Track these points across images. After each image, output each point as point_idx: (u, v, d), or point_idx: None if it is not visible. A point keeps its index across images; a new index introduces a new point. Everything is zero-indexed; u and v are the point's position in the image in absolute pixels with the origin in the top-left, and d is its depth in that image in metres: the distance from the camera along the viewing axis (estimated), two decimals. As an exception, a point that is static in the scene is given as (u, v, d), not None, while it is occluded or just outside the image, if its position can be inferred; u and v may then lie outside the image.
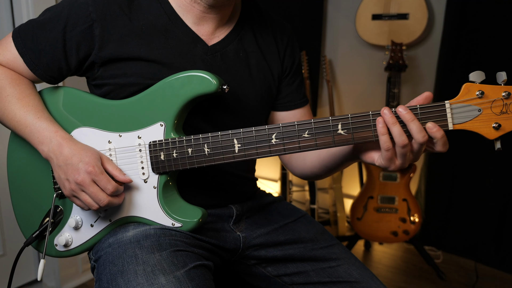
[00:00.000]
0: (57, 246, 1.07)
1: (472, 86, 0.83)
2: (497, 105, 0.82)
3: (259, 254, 1.13)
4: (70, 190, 0.96)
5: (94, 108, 1.03)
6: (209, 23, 1.06)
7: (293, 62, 1.20)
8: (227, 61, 1.08)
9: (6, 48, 1.05)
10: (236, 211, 1.15)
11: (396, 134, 0.84)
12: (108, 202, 0.93)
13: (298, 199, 3.14)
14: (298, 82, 1.23)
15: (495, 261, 2.57)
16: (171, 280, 0.85)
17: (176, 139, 0.96)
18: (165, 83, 0.98)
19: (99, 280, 0.93)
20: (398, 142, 0.84)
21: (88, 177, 0.93)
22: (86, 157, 0.95)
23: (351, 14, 2.93)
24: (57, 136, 0.98)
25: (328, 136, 0.88)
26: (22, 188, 1.12)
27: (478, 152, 2.55)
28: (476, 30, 2.48)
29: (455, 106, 0.83)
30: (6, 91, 1.02)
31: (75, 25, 0.99)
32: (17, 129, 1.02)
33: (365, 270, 1.11)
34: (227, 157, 0.93)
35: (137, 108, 1.00)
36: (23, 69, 1.05)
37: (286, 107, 1.21)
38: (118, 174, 0.96)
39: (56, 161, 0.97)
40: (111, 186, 0.93)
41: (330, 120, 0.88)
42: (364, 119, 0.86)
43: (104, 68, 1.02)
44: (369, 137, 0.86)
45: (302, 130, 0.89)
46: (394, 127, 0.84)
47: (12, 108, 1.01)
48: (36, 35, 1.02)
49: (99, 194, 0.93)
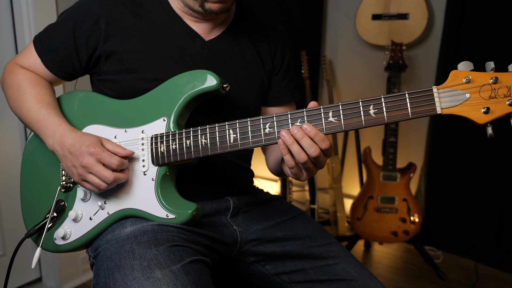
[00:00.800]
0: (56, 239, 1.10)
1: (459, 72, 0.84)
2: (485, 90, 0.82)
3: (258, 250, 1.14)
4: (78, 175, 1.01)
5: (104, 106, 1.11)
6: (206, 24, 1.14)
7: (283, 59, 1.27)
8: (223, 55, 1.15)
9: (28, 52, 1.17)
10: (233, 204, 1.16)
11: (295, 153, 0.89)
12: (114, 178, 0.98)
13: (298, 199, 3.14)
14: (288, 80, 1.29)
15: (495, 261, 2.57)
16: (167, 274, 0.86)
17: (176, 132, 1.00)
18: (171, 81, 1.04)
19: (97, 276, 0.95)
20: (298, 159, 0.89)
21: (91, 158, 0.98)
22: (86, 141, 1.00)
23: (351, 14, 2.93)
24: (60, 129, 1.05)
25: (319, 124, 0.90)
26: (32, 182, 1.19)
27: (478, 152, 2.55)
28: (476, 30, 2.48)
29: (442, 91, 0.84)
30: (25, 90, 1.12)
31: (83, 22, 1.09)
32: (30, 124, 1.11)
33: (362, 269, 1.12)
34: (222, 147, 0.97)
35: (143, 106, 1.07)
36: (42, 70, 1.16)
37: (276, 102, 1.27)
38: (119, 150, 1.01)
39: (62, 152, 1.03)
40: (116, 160, 0.98)
41: (322, 108, 0.90)
42: (354, 106, 0.88)
43: (109, 62, 1.09)
44: (359, 124, 0.88)
45: (295, 119, 0.92)
46: (292, 146, 0.89)
47: (28, 106, 1.10)
48: (52, 36, 1.13)
49: (104, 172, 0.97)
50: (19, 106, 1.12)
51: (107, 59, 1.09)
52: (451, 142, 2.63)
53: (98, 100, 1.13)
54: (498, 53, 2.42)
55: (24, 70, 1.16)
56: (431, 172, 2.74)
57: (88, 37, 1.09)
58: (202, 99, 1.04)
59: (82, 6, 1.11)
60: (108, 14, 1.08)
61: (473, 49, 2.50)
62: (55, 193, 1.11)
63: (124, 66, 1.08)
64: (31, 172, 1.19)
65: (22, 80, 1.14)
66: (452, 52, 2.55)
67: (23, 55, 1.18)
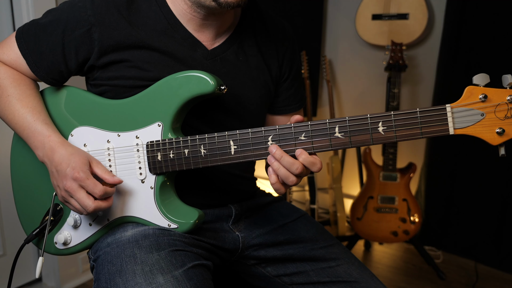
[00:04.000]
0: (57, 244, 1.08)
1: (475, 89, 0.79)
2: (501, 110, 0.78)
3: (259, 254, 1.13)
4: (61, 196, 0.98)
5: (95, 107, 1.04)
6: (209, 30, 1.06)
7: (291, 65, 1.19)
8: (227, 65, 1.08)
9: (10, 48, 1.06)
10: (235, 211, 1.15)
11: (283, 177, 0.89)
12: (94, 207, 0.93)
13: (298, 199, 3.14)
14: (297, 86, 1.22)
15: (495, 261, 2.57)
16: (169, 280, 0.85)
17: (173, 139, 0.96)
18: (164, 83, 0.98)
19: (97, 280, 0.93)
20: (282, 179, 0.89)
21: (74, 183, 0.93)
22: (73, 162, 0.94)
23: (351, 14, 2.92)
24: (50, 141, 0.99)
25: (325, 139, 0.87)
26: (24, 187, 1.13)
27: (478, 152, 2.55)
28: (476, 30, 2.48)
29: (456, 110, 0.80)
30: (8, 91, 1.04)
31: (73, 29, 1.00)
32: (16, 129, 1.05)
33: (364, 270, 1.11)
34: (222, 159, 0.93)
35: (136, 108, 1.00)
36: (25, 69, 1.06)
37: (282, 111, 1.22)
38: (107, 177, 0.96)
39: (50, 167, 0.99)
40: (98, 190, 0.92)
41: (328, 122, 0.86)
42: (362, 122, 0.85)
43: (103, 70, 1.03)
44: (367, 141, 0.85)
45: (299, 132, 0.88)
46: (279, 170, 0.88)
47: (12, 109, 1.03)
48: (38, 38, 1.03)
49: (85, 201, 0.92)
50: (2, 109, 1.05)
51: (102, 68, 1.02)
52: (452, 141, 2.63)
53: (87, 98, 1.05)
54: (498, 53, 2.42)
55: (5, 68, 1.07)
56: (431, 172, 2.74)
57: (79, 45, 1.01)
58: (198, 101, 0.99)
59: (73, 11, 1.01)
60: (102, 23, 0.99)
61: (473, 49, 2.50)
62: (50, 197, 1.06)
63: (119, 74, 1.02)
64: (21, 176, 1.14)
65: (4, 79, 1.05)
66: (452, 52, 2.55)
67: (3, 50, 1.07)
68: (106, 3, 1.00)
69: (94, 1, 1.00)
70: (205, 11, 1.01)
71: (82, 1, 1.01)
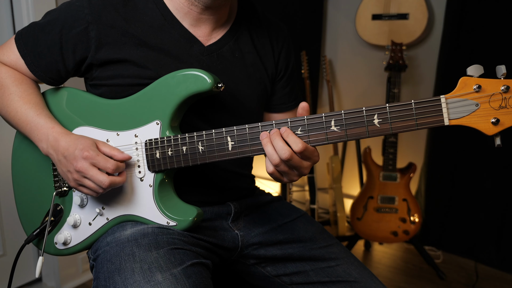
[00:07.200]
0: (57, 244, 1.09)
1: (469, 80, 0.80)
2: (495, 99, 0.78)
3: (258, 253, 1.14)
4: (74, 180, 0.97)
5: (94, 107, 1.05)
6: (206, 25, 1.07)
7: (287, 64, 1.21)
8: (224, 61, 1.09)
9: (10, 49, 1.09)
10: (235, 209, 1.15)
11: (268, 154, 0.87)
12: (109, 182, 0.94)
13: (298, 199, 3.14)
14: (292, 85, 1.24)
15: (495, 261, 2.57)
16: (167, 278, 0.85)
17: (172, 137, 0.97)
18: (162, 81, 0.99)
19: (97, 278, 0.94)
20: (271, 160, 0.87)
21: (85, 162, 0.94)
22: (80, 144, 0.96)
23: (351, 14, 2.93)
24: (53, 132, 1.00)
25: (321, 133, 0.87)
26: (25, 187, 1.14)
27: (478, 152, 2.55)
28: (476, 30, 2.48)
29: (451, 101, 0.81)
30: (10, 90, 1.06)
31: (71, 28, 1.02)
32: (19, 127, 1.06)
33: (364, 270, 1.11)
34: (220, 155, 0.94)
35: (135, 107, 1.01)
36: (25, 70, 1.08)
37: (279, 109, 1.23)
38: (116, 153, 0.97)
39: (56, 156, 0.99)
40: (111, 164, 0.94)
41: (323, 116, 0.87)
42: (357, 115, 0.85)
43: (102, 69, 1.04)
44: (363, 134, 0.85)
45: (295, 127, 0.88)
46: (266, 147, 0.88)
47: (14, 106, 1.04)
48: (37, 38, 1.05)
49: (99, 176, 0.93)
50: (4, 107, 1.06)
51: (100, 67, 1.03)
52: (451, 141, 2.63)
53: (86, 99, 1.07)
54: (498, 53, 2.42)
55: (6, 68, 1.09)
56: (431, 172, 2.74)
57: (76, 44, 1.02)
58: (196, 99, 1.00)
59: (71, 10, 1.02)
60: (99, 20, 1.00)
61: (473, 49, 2.50)
62: (50, 198, 1.07)
63: (117, 73, 1.03)
64: (22, 177, 1.15)
65: (5, 78, 1.07)
66: (452, 52, 2.55)
67: (4, 52, 1.10)
68: (103, 2, 1.02)
69: (91, 0, 1.02)
70: (202, 4, 1.02)
71: (80, 0, 1.02)
